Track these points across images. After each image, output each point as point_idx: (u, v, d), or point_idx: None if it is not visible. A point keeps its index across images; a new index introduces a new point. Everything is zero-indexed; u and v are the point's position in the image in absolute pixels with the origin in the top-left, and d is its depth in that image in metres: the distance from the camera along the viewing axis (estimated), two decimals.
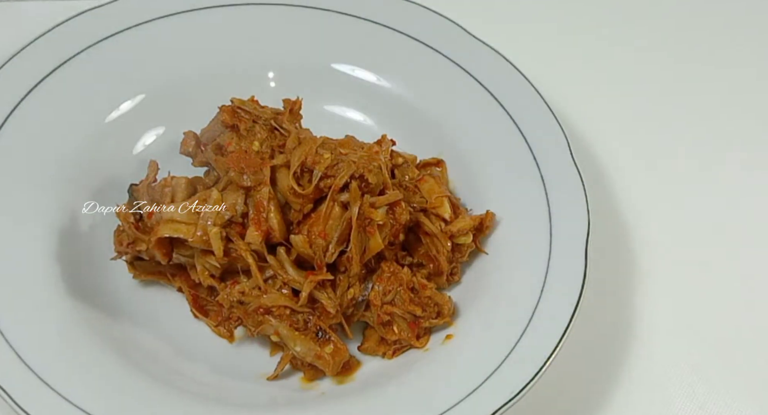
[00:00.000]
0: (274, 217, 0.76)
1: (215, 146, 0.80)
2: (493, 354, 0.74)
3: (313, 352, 0.76)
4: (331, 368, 0.76)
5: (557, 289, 0.77)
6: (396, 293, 0.79)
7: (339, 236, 0.76)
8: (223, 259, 0.76)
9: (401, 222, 0.79)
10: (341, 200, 0.77)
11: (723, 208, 0.95)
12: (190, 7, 0.91)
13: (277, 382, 0.78)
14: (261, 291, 0.76)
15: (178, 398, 0.73)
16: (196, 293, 0.80)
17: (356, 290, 0.78)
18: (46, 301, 0.76)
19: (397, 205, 0.79)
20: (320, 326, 0.76)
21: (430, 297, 0.79)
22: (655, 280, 0.89)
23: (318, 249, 0.76)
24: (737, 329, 0.87)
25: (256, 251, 0.76)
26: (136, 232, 0.77)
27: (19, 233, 0.79)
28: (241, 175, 0.77)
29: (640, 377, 0.83)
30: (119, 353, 0.76)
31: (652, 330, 0.86)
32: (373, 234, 0.77)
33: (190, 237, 0.75)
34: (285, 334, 0.76)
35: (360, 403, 0.74)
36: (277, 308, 0.76)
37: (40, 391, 0.70)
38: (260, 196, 0.76)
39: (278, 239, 0.77)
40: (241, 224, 0.77)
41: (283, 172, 0.77)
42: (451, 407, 0.71)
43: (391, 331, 0.79)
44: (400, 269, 0.80)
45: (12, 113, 0.83)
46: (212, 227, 0.75)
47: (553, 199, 0.82)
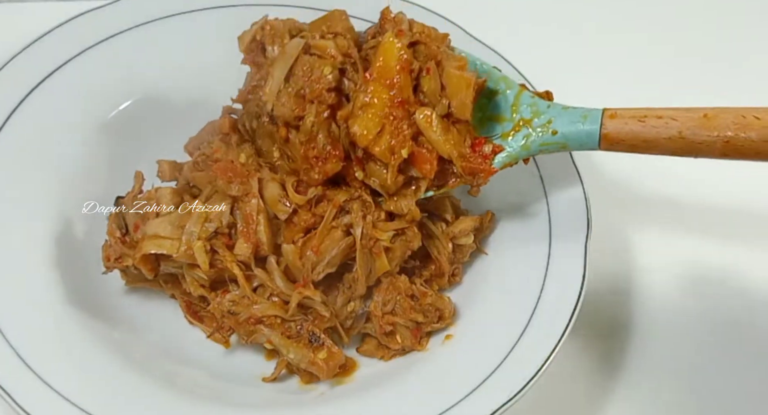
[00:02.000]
0: (263, 230, 0.76)
1: (196, 161, 0.80)
2: (492, 354, 0.74)
3: (307, 359, 0.75)
4: (325, 373, 0.75)
5: (557, 289, 0.77)
6: (396, 302, 0.78)
7: (332, 259, 0.76)
8: (209, 271, 0.75)
9: (412, 248, 0.79)
10: (344, 223, 0.76)
11: (723, 207, 0.95)
12: (189, 8, 0.92)
13: (275, 383, 0.78)
14: (251, 301, 0.76)
15: (177, 397, 0.73)
16: (189, 300, 0.80)
17: (356, 303, 0.78)
18: (46, 301, 0.76)
19: (409, 228, 0.78)
20: (313, 331, 0.76)
21: (432, 304, 0.79)
22: (655, 279, 0.89)
23: (307, 263, 0.76)
24: (737, 329, 0.87)
25: (243, 262, 0.76)
26: (122, 247, 0.77)
27: (18, 233, 0.79)
28: (229, 184, 0.77)
29: (640, 376, 0.83)
30: (119, 353, 0.76)
31: (651, 330, 0.86)
32: (378, 255, 0.77)
33: (175, 252, 0.75)
34: (277, 342, 0.75)
35: (359, 403, 0.74)
36: (267, 317, 0.76)
37: (40, 391, 0.70)
38: (249, 209, 0.76)
39: (267, 252, 0.76)
40: (228, 235, 0.76)
41: (272, 184, 0.77)
42: (451, 407, 0.71)
43: (394, 340, 0.79)
44: (398, 277, 0.79)
45: (12, 114, 0.83)
46: (196, 241, 0.75)
47: (553, 199, 0.83)
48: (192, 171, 0.80)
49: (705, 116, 0.69)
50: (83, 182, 0.84)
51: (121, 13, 0.90)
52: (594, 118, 0.73)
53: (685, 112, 0.71)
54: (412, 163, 0.75)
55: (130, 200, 0.79)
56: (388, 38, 0.75)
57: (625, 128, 0.72)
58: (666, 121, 0.70)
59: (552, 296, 0.77)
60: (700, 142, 0.70)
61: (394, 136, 0.74)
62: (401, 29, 0.77)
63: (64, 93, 0.86)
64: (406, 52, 0.75)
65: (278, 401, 0.76)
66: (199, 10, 0.92)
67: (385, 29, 0.78)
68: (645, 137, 0.71)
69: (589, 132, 0.73)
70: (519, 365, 0.73)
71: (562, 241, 0.80)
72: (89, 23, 0.89)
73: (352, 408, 0.74)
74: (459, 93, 0.74)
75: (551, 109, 0.76)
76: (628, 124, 0.72)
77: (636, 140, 0.72)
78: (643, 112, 0.72)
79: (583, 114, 0.74)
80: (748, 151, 0.69)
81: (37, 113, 0.84)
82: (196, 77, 0.91)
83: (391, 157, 0.74)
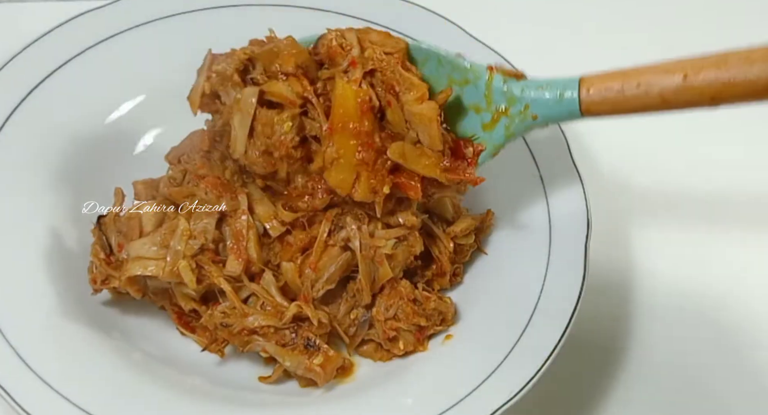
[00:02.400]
0: (253, 246, 0.76)
1: (172, 177, 0.79)
2: (492, 354, 0.74)
3: (303, 365, 0.75)
4: (322, 378, 0.75)
5: (557, 289, 0.77)
6: (398, 307, 0.78)
7: (331, 275, 0.76)
8: (197, 288, 0.75)
9: (414, 253, 0.78)
10: (341, 238, 0.76)
11: (723, 206, 0.95)
12: (190, 8, 0.91)
13: (276, 384, 0.77)
14: (243, 312, 0.75)
15: (177, 398, 0.73)
16: (180, 311, 0.79)
17: (359, 311, 0.78)
18: (47, 301, 0.76)
19: (410, 234, 0.78)
20: (308, 336, 0.75)
21: (435, 308, 0.79)
22: (655, 279, 0.89)
23: (306, 281, 0.76)
24: (737, 328, 0.87)
25: (232, 276, 0.76)
26: (107, 268, 0.76)
27: (18, 233, 0.79)
28: (219, 198, 0.77)
29: (640, 376, 0.83)
30: (119, 353, 0.76)
31: (651, 330, 0.86)
32: (381, 264, 0.77)
33: (160, 273, 0.74)
34: (273, 351, 0.75)
35: (360, 403, 0.74)
36: (261, 328, 0.75)
37: (40, 391, 0.70)
38: (239, 225, 0.76)
39: (257, 268, 0.76)
40: (214, 251, 0.76)
41: (263, 201, 0.77)
42: (451, 407, 0.71)
43: (397, 347, 0.78)
44: (400, 282, 0.79)
45: (13, 114, 0.83)
46: (181, 260, 0.74)
47: (552, 199, 0.83)
48: (168, 187, 0.79)
49: (685, 77, 0.66)
50: (83, 182, 0.84)
51: (121, 13, 0.90)
52: (571, 99, 0.71)
53: (663, 75, 0.68)
54: (398, 188, 0.75)
55: (112, 220, 0.78)
56: (339, 84, 0.73)
57: (605, 101, 0.69)
58: (645, 90, 0.68)
59: (552, 296, 0.77)
60: (686, 100, 0.67)
61: (372, 177, 0.73)
62: (353, 60, 0.74)
63: (64, 93, 0.86)
64: (363, 93, 0.72)
65: (279, 402, 0.76)
66: (199, 10, 0.92)
67: (336, 62, 0.75)
68: (626, 107, 0.69)
69: (569, 111, 0.71)
70: (519, 365, 0.73)
71: (562, 241, 0.80)
72: (89, 23, 0.89)
73: (353, 408, 0.74)
74: (423, 127, 0.73)
75: (525, 92, 0.73)
76: (607, 96, 0.69)
77: (617, 109, 0.70)
78: (620, 80, 0.69)
79: (560, 92, 0.71)
80: (741, 96, 0.65)
81: (37, 113, 0.84)
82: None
83: (374, 195, 0.74)
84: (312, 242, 0.76)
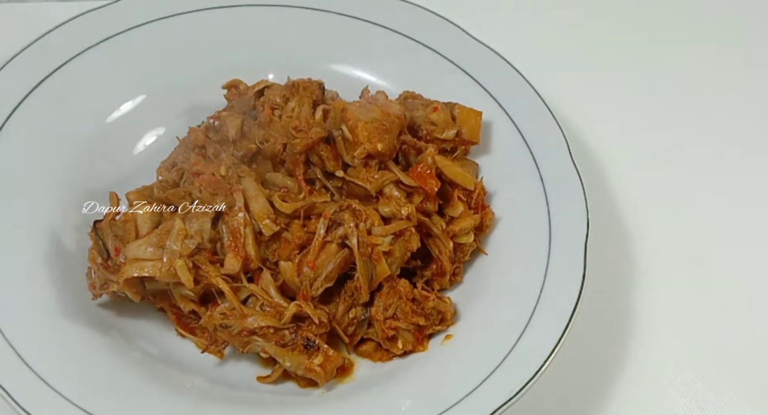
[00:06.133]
0: (251, 243, 0.76)
1: (164, 181, 0.80)
2: (492, 354, 0.74)
3: (303, 366, 0.75)
4: (322, 378, 0.75)
5: (557, 289, 0.77)
6: (397, 306, 0.78)
7: (329, 273, 0.76)
8: (195, 288, 0.75)
9: (411, 249, 0.79)
10: (338, 235, 0.76)
11: (722, 207, 0.95)
12: (190, 8, 0.92)
13: (276, 385, 0.77)
14: (242, 313, 0.75)
15: (177, 397, 0.73)
16: (179, 312, 0.79)
17: (358, 310, 0.78)
18: (47, 301, 0.76)
19: (406, 231, 0.78)
20: (307, 336, 0.75)
21: (434, 307, 0.79)
22: (655, 279, 0.89)
23: (305, 280, 0.76)
24: (736, 329, 0.87)
25: (231, 275, 0.76)
26: (105, 272, 0.76)
27: (19, 233, 0.79)
28: (214, 196, 0.77)
29: (640, 376, 0.83)
30: (119, 353, 0.76)
31: (651, 330, 0.86)
32: (378, 261, 0.77)
33: (157, 273, 0.74)
34: (273, 351, 0.75)
35: (360, 403, 0.74)
36: (260, 328, 0.75)
37: (40, 391, 0.70)
38: (236, 223, 0.76)
39: (255, 265, 0.76)
40: (211, 250, 0.76)
41: (259, 198, 0.77)
42: (451, 407, 0.71)
43: (396, 346, 0.78)
44: (398, 281, 0.79)
45: (13, 113, 0.83)
46: (178, 259, 0.74)
47: (552, 199, 0.82)
48: (161, 190, 0.79)
49: None
50: (83, 182, 0.84)
51: (121, 13, 0.90)
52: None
53: None
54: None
55: (108, 224, 0.78)
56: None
57: None
58: None
59: (552, 296, 0.77)
60: None
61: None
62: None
63: (64, 93, 0.86)
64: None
65: (279, 402, 0.76)
66: (199, 10, 0.92)
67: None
68: None
69: None
70: (519, 365, 0.73)
71: (562, 241, 0.80)
72: (89, 23, 0.89)
73: (354, 407, 0.74)
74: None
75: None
76: None
77: None
78: None
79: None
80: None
81: (37, 113, 0.84)
82: (197, 77, 0.91)
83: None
84: (309, 239, 0.77)
